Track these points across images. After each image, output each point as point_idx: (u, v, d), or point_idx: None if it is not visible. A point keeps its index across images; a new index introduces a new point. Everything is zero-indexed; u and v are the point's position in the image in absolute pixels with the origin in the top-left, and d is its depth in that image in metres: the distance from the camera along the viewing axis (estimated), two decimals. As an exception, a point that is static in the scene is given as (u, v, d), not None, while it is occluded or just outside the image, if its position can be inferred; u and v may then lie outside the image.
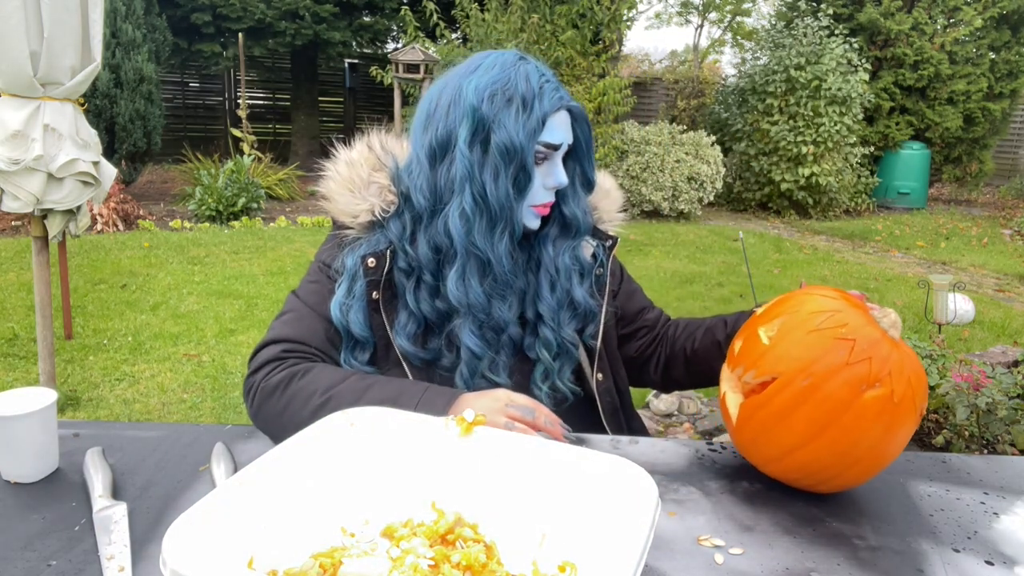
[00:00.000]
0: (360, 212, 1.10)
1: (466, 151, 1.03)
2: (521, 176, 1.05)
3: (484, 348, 1.08)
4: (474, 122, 1.03)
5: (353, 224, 1.11)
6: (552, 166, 1.08)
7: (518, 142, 1.02)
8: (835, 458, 0.87)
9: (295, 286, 1.16)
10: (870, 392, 0.84)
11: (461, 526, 0.75)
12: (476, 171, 1.03)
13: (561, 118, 1.07)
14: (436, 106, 1.08)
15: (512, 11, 7.79)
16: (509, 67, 1.05)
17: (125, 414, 2.99)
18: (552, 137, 1.06)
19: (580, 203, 1.16)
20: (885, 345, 0.87)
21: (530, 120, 1.03)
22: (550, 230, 1.15)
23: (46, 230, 2.72)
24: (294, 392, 0.99)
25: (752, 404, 0.92)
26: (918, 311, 4.68)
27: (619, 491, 0.72)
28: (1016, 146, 12.86)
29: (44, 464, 0.92)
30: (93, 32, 2.64)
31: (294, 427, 0.84)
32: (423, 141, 1.08)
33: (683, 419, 3.04)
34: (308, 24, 9.17)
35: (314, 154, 11.17)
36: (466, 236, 1.04)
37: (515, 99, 1.03)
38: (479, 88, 1.03)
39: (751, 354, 0.94)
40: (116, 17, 7.04)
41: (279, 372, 1.02)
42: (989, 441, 2.25)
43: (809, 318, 0.91)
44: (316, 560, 0.69)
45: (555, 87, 1.06)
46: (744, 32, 15.91)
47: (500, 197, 1.03)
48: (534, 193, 1.08)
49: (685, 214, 8.35)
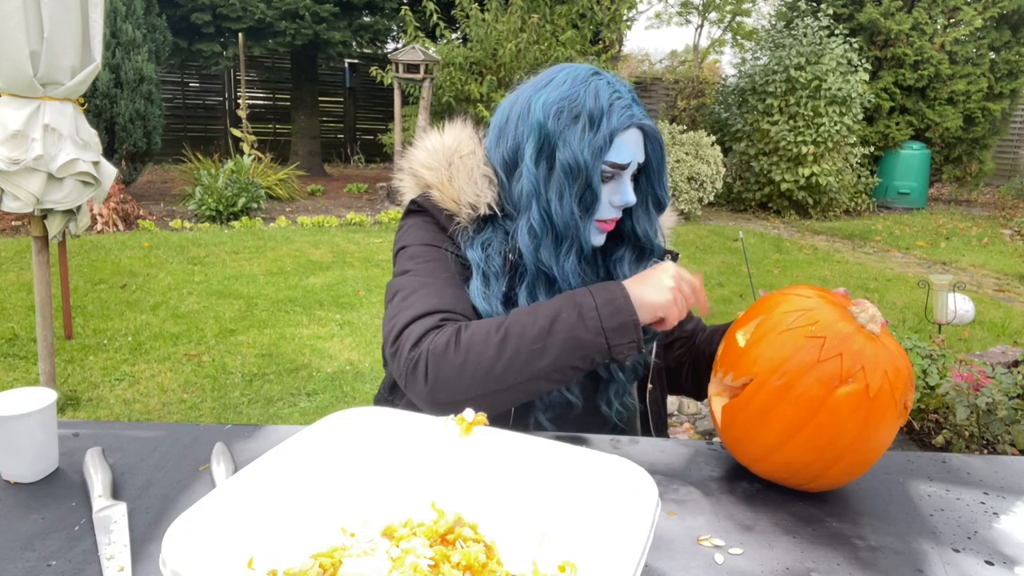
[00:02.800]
0: (480, 204, 1.07)
1: (532, 167, 1.02)
2: (587, 195, 1.03)
3: None
4: (540, 139, 1.02)
5: (462, 214, 1.08)
6: (619, 184, 1.06)
7: (583, 160, 1.00)
8: (815, 455, 0.87)
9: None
10: (843, 388, 0.85)
11: (461, 526, 0.75)
12: (542, 188, 1.03)
13: (631, 136, 1.04)
14: (507, 119, 1.07)
15: (512, 11, 7.80)
16: (579, 83, 1.03)
17: (125, 414, 2.99)
18: (619, 157, 1.03)
19: (653, 223, 1.15)
20: (858, 340, 0.87)
21: (596, 138, 1.01)
22: (625, 252, 1.15)
23: (46, 230, 2.72)
24: (468, 342, 0.94)
25: (734, 406, 0.93)
26: (918, 311, 4.68)
27: (619, 491, 0.72)
28: (1016, 146, 12.86)
29: (44, 464, 0.92)
30: (93, 32, 2.64)
31: (483, 373, 0.89)
32: (497, 155, 1.08)
33: (683, 419, 3.04)
34: (308, 24, 9.17)
35: (314, 154, 11.17)
36: (535, 252, 1.03)
37: (582, 116, 1.01)
38: (547, 104, 1.03)
39: (729, 357, 0.96)
40: (116, 17, 7.05)
41: (443, 335, 0.96)
42: (989, 441, 2.25)
43: (781, 318, 0.92)
44: (316, 560, 0.69)
45: (627, 104, 1.03)
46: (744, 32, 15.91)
47: (565, 215, 1.02)
48: (601, 210, 1.06)
49: (685, 214, 8.35)
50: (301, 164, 10.21)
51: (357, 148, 13.25)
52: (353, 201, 8.95)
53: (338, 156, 13.25)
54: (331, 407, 3.10)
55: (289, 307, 4.42)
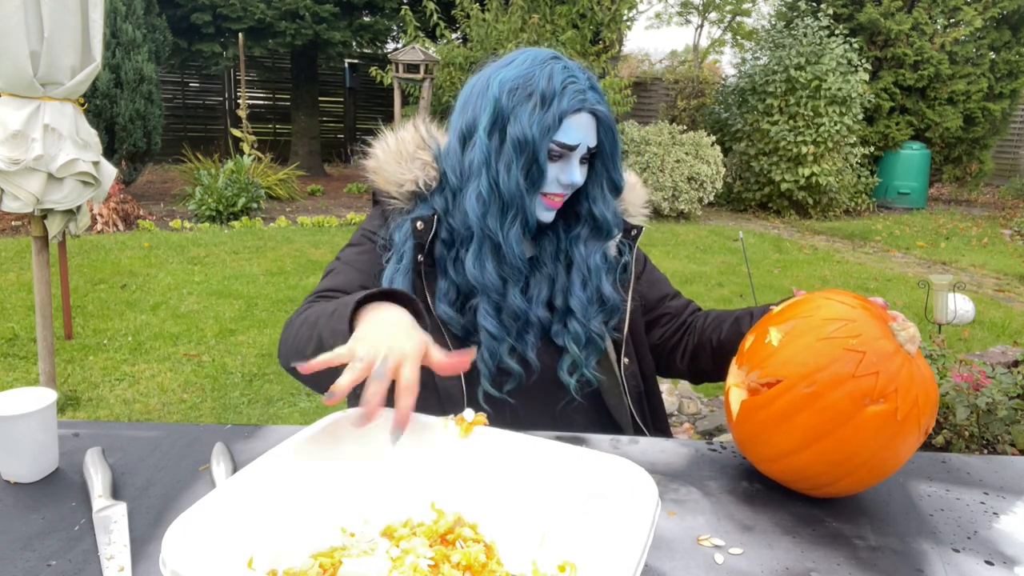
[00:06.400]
0: (405, 181, 1.17)
1: (485, 139, 1.09)
2: (534, 169, 1.09)
3: (502, 332, 1.13)
4: (494, 112, 1.08)
5: (397, 194, 1.18)
6: (567, 164, 1.11)
7: (531, 136, 1.06)
8: (830, 467, 0.86)
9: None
10: (873, 407, 0.83)
11: (461, 526, 0.75)
12: (492, 159, 1.09)
13: (582, 120, 1.09)
14: (469, 94, 1.14)
15: (512, 11, 7.80)
16: (536, 64, 1.09)
17: (125, 414, 2.99)
18: (568, 137, 1.08)
19: (609, 205, 1.20)
20: (896, 360, 0.85)
21: (546, 117, 1.06)
22: (581, 231, 1.20)
23: (46, 230, 2.72)
24: (299, 323, 1.03)
25: (753, 404, 0.91)
26: (918, 311, 4.67)
27: (619, 491, 0.72)
28: (1016, 146, 12.86)
29: (44, 464, 0.92)
30: (93, 32, 2.64)
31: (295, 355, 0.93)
32: (457, 125, 1.15)
33: (683, 419, 3.04)
34: (308, 24, 9.17)
35: (314, 154, 11.17)
36: (482, 218, 1.10)
37: (535, 95, 1.07)
38: (503, 81, 1.09)
39: (758, 354, 0.93)
40: (116, 17, 7.04)
41: (298, 310, 1.08)
42: (989, 441, 2.24)
43: (822, 324, 0.89)
44: (316, 560, 0.69)
45: (581, 89, 1.08)
46: (744, 32, 15.92)
47: (511, 186, 1.08)
48: (547, 185, 1.12)
49: (685, 214, 8.35)
50: (301, 164, 10.20)
51: (357, 148, 13.23)
52: (353, 201, 8.95)
53: (338, 156, 13.24)
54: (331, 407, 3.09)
55: (289, 307, 4.42)
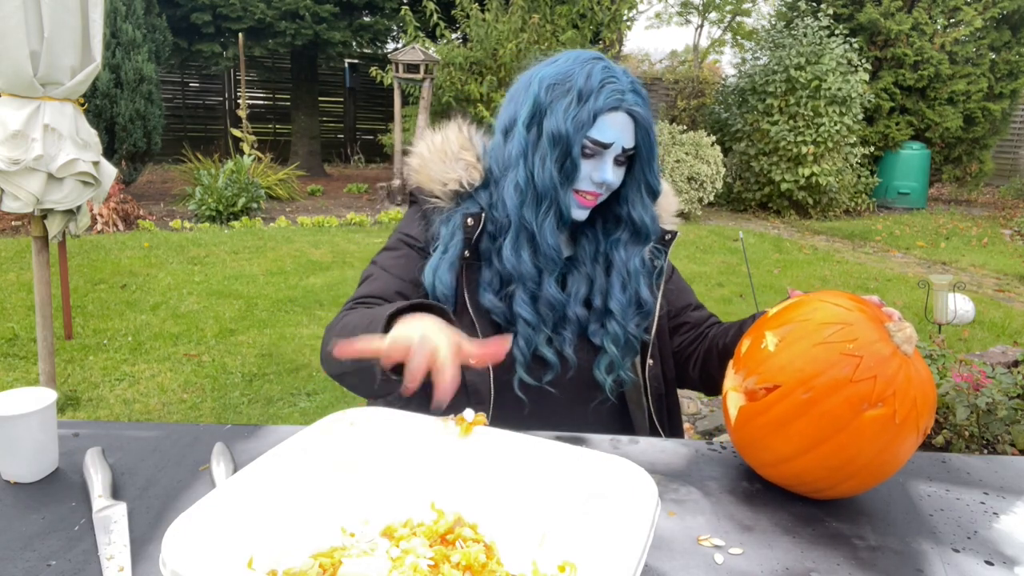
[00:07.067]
0: (449, 180, 1.20)
1: (523, 131, 1.13)
2: (568, 164, 1.11)
3: (538, 320, 1.16)
4: (533, 107, 1.12)
5: (441, 193, 1.20)
6: (601, 162, 1.12)
7: (565, 131, 1.09)
8: (829, 472, 0.86)
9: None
10: (871, 411, 0.83)
11: (461, 526, 0.75)
12: (529, 151, 1.13)
13: (618, 119, 1.10)
14: (515, 90, 1.19)
15: (512, 11, 7.80)
16: (578, 63, 1.12)
17: (125, 414, 2.99)
18: (602, 136, 1.10)
19: (647, 209, 1.21)
20: (894, 363, 0.84)
21: (580, 113, 1.08)
22: (621, 235, 1.22)
23: (46, 230, 2.72)
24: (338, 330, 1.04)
25: (750, 410, 0.91)
26: (918, 311, 4.67)
27: (619, 491, 0.72)
28: (1016, 146, 12.86)
29: (44, 464, 0.92)
30: (93, 32, 2.64)
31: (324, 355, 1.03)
32: (503, 117, 1.19)
33: (683, 419, 3.03)
34: (308, 24, 9.17)
35: (314, 154, 11.17)
36: (519, 207, 1.13)
37: (572, 91, 1.09)
38: (544, 77, 1.13)
39: (755, 358, 0.93)
40: (116, 17, 7.04)
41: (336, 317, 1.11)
42: (989, 441, 2.24)
43: (818, 329, 0.88)
44: (316, 560, 0.69)
45: (619, 89, 1.09)
46: (744, 32, 15.92)
47: (546, 178, 1.11)
48: (580, 181, 1.13)
49: (685, 214, 8.35)
50: (301, 164, 10.20)
51: (357, 148, 13.24)
52: (353, 201, 8.95)
53: (338, 156, 13.24)
54: (331, 407, 3.10)
55: (289, 307, 4.42)
